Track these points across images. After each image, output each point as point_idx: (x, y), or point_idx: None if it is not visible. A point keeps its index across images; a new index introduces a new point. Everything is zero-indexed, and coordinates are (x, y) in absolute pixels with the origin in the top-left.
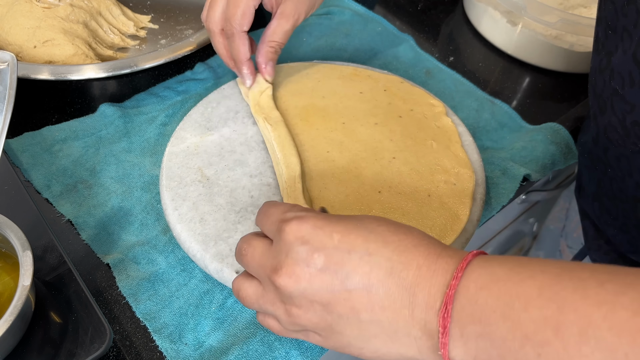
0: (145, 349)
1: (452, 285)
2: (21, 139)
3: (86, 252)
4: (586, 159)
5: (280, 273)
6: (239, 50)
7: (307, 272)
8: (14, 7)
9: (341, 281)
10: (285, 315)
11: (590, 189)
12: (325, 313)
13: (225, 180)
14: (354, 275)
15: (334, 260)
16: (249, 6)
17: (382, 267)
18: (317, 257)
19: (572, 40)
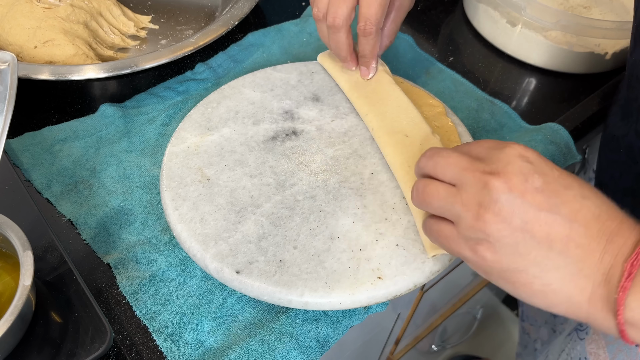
0: (146, 348)
1: None
2: (22, 139)
3: (87, 252)
4: (620, 155)
5: (498, 175)
6: (374, 47)
7: (523, 185)
8: (15, 7)
9: (550, 207)
10: (473, 218)
11: (621, 185)
12: (520, 230)
13: (225, 180)
14: (564, 206)
15: (551, 187)
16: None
17: (590, 210)
18: (537, 177)
19: (572, 40)
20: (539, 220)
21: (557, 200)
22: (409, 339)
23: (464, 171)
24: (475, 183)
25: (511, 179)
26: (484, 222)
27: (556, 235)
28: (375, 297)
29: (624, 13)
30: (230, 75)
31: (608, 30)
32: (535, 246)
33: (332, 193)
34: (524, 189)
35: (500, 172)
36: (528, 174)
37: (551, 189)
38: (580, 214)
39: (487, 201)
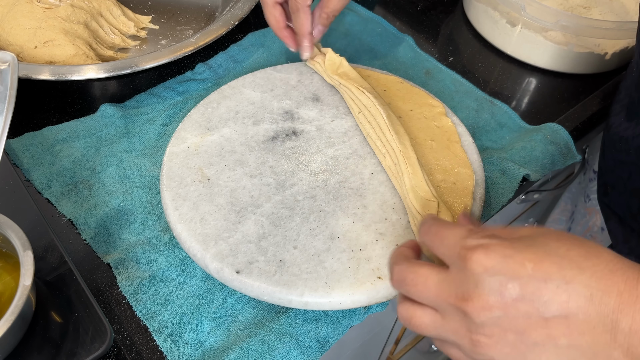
0: (146, 348)
1: None
2: (22, 139)
3: (87, 252)
4: (629, 155)
5: (472, 301)
6: (303, 24)
7: (501, 301)
8: (15, 7)
9: (537, 309)
10: (470, 344)
11: (630, 186)
12: (519, 342)
13: (225, 180)
14: (551, 304)
15: (529, 290)
16: None
17: (580, 294)
18: (512, 287)
19: (572, 40)
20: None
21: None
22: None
23: (438, 299)
24: (455, 312)
25: (487, 301)
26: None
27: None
28: (375, 297)
29: (624, 13)
30: (230, 76)
31: (608, 30)
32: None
33: (332, 193)
34: (503, 305)
35: (472, 296)
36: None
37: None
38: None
39: (474, 328)
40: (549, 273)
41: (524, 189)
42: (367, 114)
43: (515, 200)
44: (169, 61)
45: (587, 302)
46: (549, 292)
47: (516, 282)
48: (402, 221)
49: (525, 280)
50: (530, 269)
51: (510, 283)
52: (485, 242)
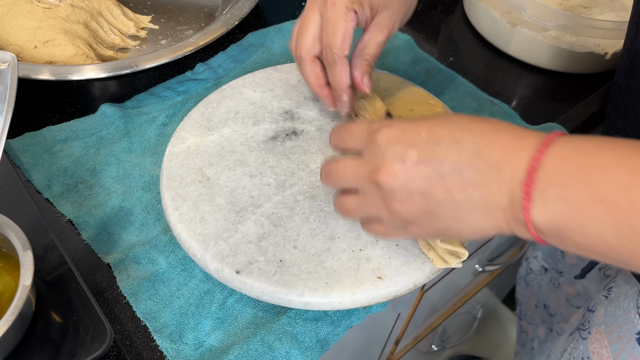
0: (146, 348)
1: (536, 157)
2: (22, 139)
3: (87, 252)
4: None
5: (381, 172)
6: (341, 77)
7: (404, 167)
8: (15, 7)
9: (435, 169)
10: (387, 212)
11: None
12: (424, 201)
13: (225, 180)
14: (445, 161)
15: (426, 153)
16: (348, 29)
17: (469, 150)
18: (411, 152)
19: (571, 40)
20: (432, 186)
21: (437, 160)
22: (409, 339)
23: (355, 178)
24: (370, 187)
25: (392, 169)
26: (397, 211)
27: (453, 188)
28: (375, 297)
29: (624, 13)
30: (230, 75)
31: (608, 30)
32: (444, 206)
33: (332, 193)
34: (406, 170)
35: (380, 167)
36: (403, 155)
37: (427, 153)
38: (462, 159)
39: (387, 196)
40: (441, 136)
41: None
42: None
43: None
44: (169, 61)
45: (475, 156)
46: (441, 152)
47: (414, 148)
48: None
49: (422, 145)
50: (424, 135)
51: (409, 149)
52: (387, 122)
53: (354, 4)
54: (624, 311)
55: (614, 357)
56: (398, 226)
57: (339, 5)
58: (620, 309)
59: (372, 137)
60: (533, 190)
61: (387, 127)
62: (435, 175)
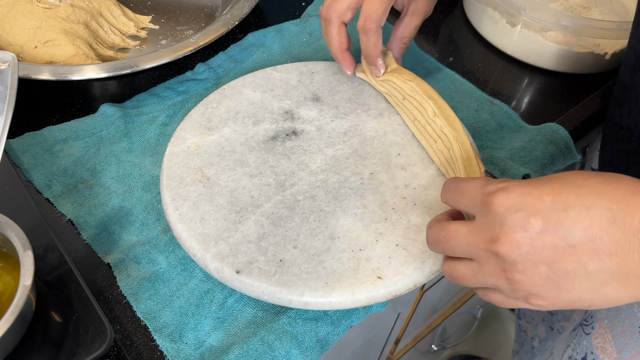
0: (146, 348)
1: None
2: (22, 139)
3: (87, 252)
4: (631, 144)
5: (500, 242)
6: (376, 46)
7: (527, 236)
8: (15, 7)
9: (563, 238)
10: (507, 283)
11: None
12: (551, 273)
13: (225, 180)
14: (575, 230)
15: (552, 221)
16: (389, 3)
17: (602, 217)
18: (534, 220)
19: (571, 40)
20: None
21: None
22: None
23: (470, 248)
24: (488, 256)
25: (514, 238)
26: (518, 282)
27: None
28: (375, 297)
29: (624, 13)
30: (230, 76)
31: (608, 30)
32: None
33: (332, 193)
34: (529, 240)
35: (500, 236)
36: (525, 224)
37: (553, 222)
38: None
39: (507, 266)
40: (567, 202)
41: None
42: (413, 100)
43: None
44: (169, 61)
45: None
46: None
47: (538, 215)
48: (402, 221)
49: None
50: (549, 201)
51: (532, 217)
52: (503, 185)
53: None
54: (627, 305)
55: (617, 351)
56: (519, 297)
57: None
58: None
59: (487, 201)
60: None
61: (503, 191)
62: (563, 244)
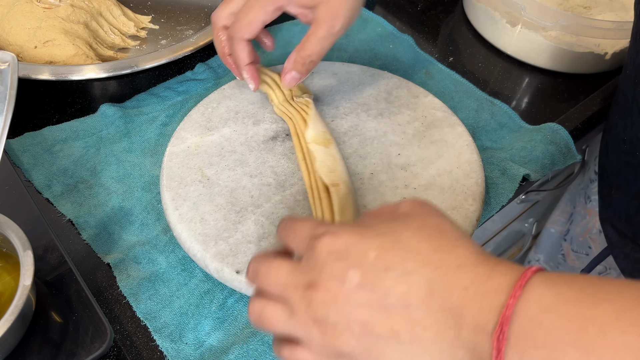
0: (146, 348)
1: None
2: (22, 139)
3: (87, 252)
4: (635, 157)
5: (316, 289)
6: (237, 56)
7: (342, 288)
8: (15, 7)
9: (379, 299)
10: (319, 335)
11: (634, 187)
12: (363, 334)
13: (225, 180)
14: (391, 293)
15: (370, 279)
16: (257, 19)
17: (421, 286)
18: (353, 273)
19: (571, 40)
20: (374, 318)
21: (382, 289)
22: None
23: (286, 289)
24: (301, 301)
25: (329, 287)
26: (330, 338)
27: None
28: None
29: (624, 13)
30: (230, 75)
31: (608, 30)
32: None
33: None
34: (345, 292)
35: (316, 282)
36: (342, 274)
37: (371, 280)
38: (411, 295)
39: (319, 318)
40: (391, 263)
41: (524, 189)
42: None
43: (515, 200)
44: (169, 61)
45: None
46: (389, 281)
47: (357, 269)
48: None
49: (367, 268)
50: (372, 257)
51: (351, 270)
52: (333, 230)
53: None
54: None
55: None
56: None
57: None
58: None
59: (313, 244)
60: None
61: (331, 235)
62: (378, 305)
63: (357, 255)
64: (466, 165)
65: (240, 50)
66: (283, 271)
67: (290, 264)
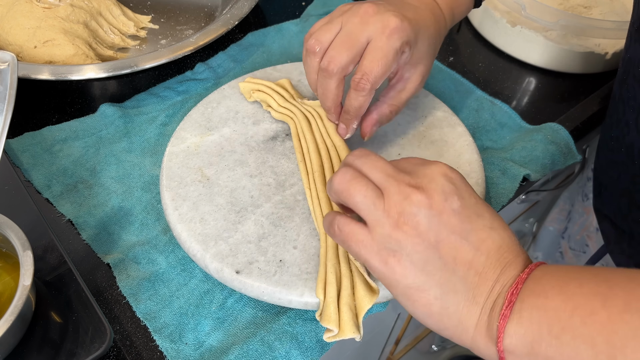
0: (146, 348)
1: (527, 271)
2: (22, 139)
3: (86, 252)
4: (620, 155)
5: (420, 191)
6: (362, 107)
7: (442, 204)
8: (15, 7)
9: (461, 231)
10: (392, 227)
11: (619, 186)
12: (431, 247)
13: (225, 180)
14: (473, 234)
15: (466, 212)
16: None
17: (495, 241)
18: (457, 200)
19: (572, 40)
20: (450, 242)
21: (469, 227)
22: (409, 339)
23: (390, 178)
24: (399, 192)
25: (432, 196)
26: (402, 232)
27: (461, 260)
28: None
29: (624, 13)
30: (230, 75)
31: (608, 30)
32: (442, 267)
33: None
34: (442, 208)
35: (423, 187)
36: (449, 194)
37: (466, 214)
38: (485, 244)
39: (407, 212)
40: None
41: (524, 189)
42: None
43: (516, 200)
44: (169, 61)
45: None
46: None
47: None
48: None
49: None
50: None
51: (456, 195)
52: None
53: (407, 45)
54: None
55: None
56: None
57: (396, 38)
58: None
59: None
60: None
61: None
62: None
63: (464, 192)
64: (466, 165)
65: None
66: (391, 167)
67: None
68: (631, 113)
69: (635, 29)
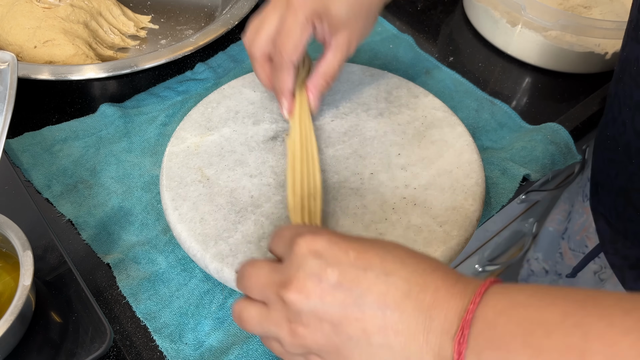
0: (146, 348)
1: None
2: (21, 139)
3: (86, 252)
4: (617, 153)
5: (290, 287)
6: (284, 82)
7: (319, 287)
8: (14, 7)
9: (355, 300)
10: (289, 335)
11: (616, 185)
12: (334, 334)
13: (225, 180)
14: (369, 294)
15: (348, 277)
16: (302, 39)
17: (399, 288)
18: (331, 272)
19: (571, 40)
20: (347, 319)
21: (359, 290)
22: None
23: (265, 288)
24: (277, 300)
25: (305, 285)
26: (300, 336)
27: (371, 328)
28: None
29: (624, 13)
30: (230, 75)
31: (608, 30)
32: (356, 345)
33: (332, 193)
34: (320, 291)
35: (292, 281)
36: (320, 273)
37: (349, 278)
38: (388, 297)
39: (292, 316)
40: (370, 263)
41: (524, 189)
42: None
43: (515, 200)
44: (169, 61)
45: (404, 296)
46: (367, 282)
47: (336, 268)
48: (402, 221)
49: (346, 267)
50: (352, 257)
51: (329, 268)
52: (315, 230)
53: (314, 16)
54: None
55: None
56: (298, 353)
57: (300, 13)
58: None
59: (294, 242)
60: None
61: (312, 235)
62: (353, 306)
63: (337, 254)
64: (466, 165)
65: (288, 77)
66: (264, 271)
67: (271, 265)
68: (627, 112)
69: (632, 27)
